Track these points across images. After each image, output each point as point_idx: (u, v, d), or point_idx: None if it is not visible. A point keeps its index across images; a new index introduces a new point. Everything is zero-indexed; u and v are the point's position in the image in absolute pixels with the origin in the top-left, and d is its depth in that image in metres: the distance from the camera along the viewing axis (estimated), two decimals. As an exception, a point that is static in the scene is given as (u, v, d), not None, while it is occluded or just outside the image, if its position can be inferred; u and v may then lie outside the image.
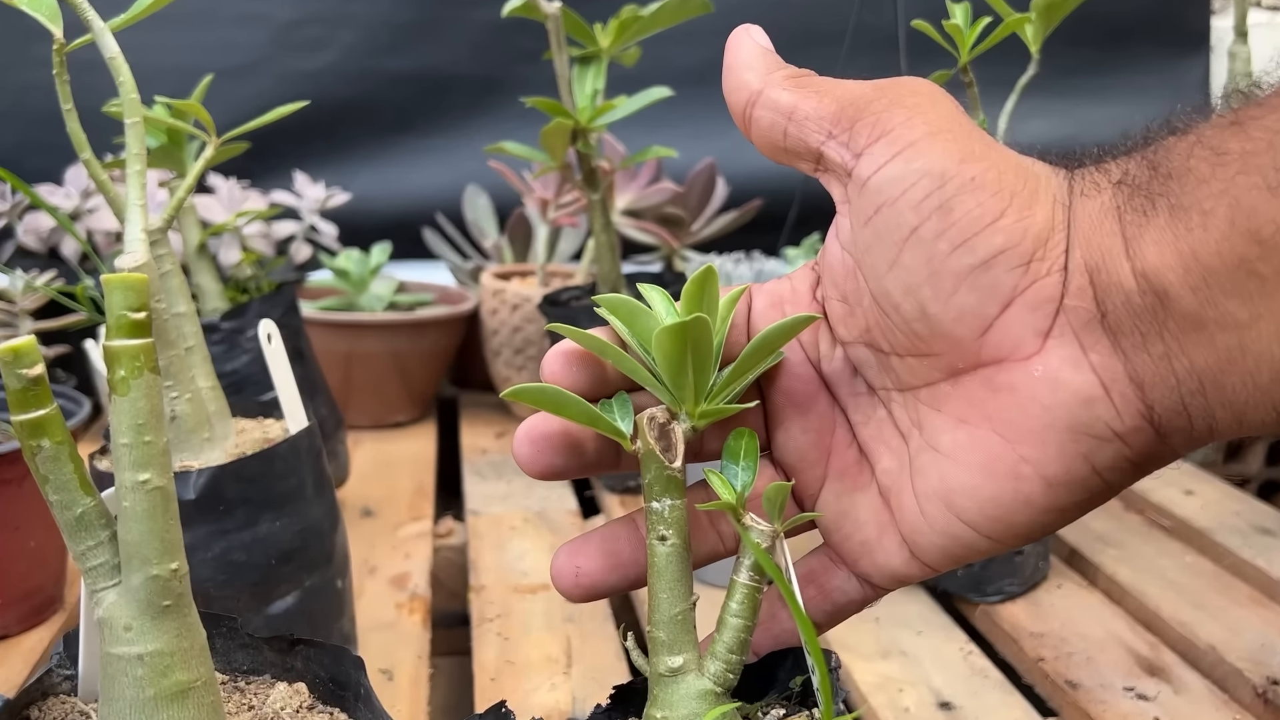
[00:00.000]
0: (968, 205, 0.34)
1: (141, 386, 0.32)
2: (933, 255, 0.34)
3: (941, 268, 0.34)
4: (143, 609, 0.33)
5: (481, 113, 1.51)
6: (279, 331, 0.63)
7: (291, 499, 0.59)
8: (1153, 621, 0.76)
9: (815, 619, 0.40)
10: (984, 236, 0.34)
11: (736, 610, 0.36)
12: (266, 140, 0.93)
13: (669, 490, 0.36)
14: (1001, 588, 0.78)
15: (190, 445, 0.57)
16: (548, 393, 0.36)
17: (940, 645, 0.73)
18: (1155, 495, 0.97)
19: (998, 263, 0.34)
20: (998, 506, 0.35)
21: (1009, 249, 0.34)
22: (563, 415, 0.37)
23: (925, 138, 0.35)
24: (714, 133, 1.40)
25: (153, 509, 0.32)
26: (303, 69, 1.45)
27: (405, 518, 0.93)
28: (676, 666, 0.36)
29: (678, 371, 0.35)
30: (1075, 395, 0.34)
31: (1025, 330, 0.34)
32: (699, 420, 0.36)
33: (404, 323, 1.14)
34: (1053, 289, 0.34)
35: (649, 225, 1.25)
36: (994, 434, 0.35)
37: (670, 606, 0.36)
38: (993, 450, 0.35)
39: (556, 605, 0.77)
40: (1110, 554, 0.86)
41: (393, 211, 1.45)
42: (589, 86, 0.89)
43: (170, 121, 0.64)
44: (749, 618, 0.36)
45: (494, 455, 1.09)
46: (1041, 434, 0.34)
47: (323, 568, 0.61)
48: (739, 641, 0.36)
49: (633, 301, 0.36)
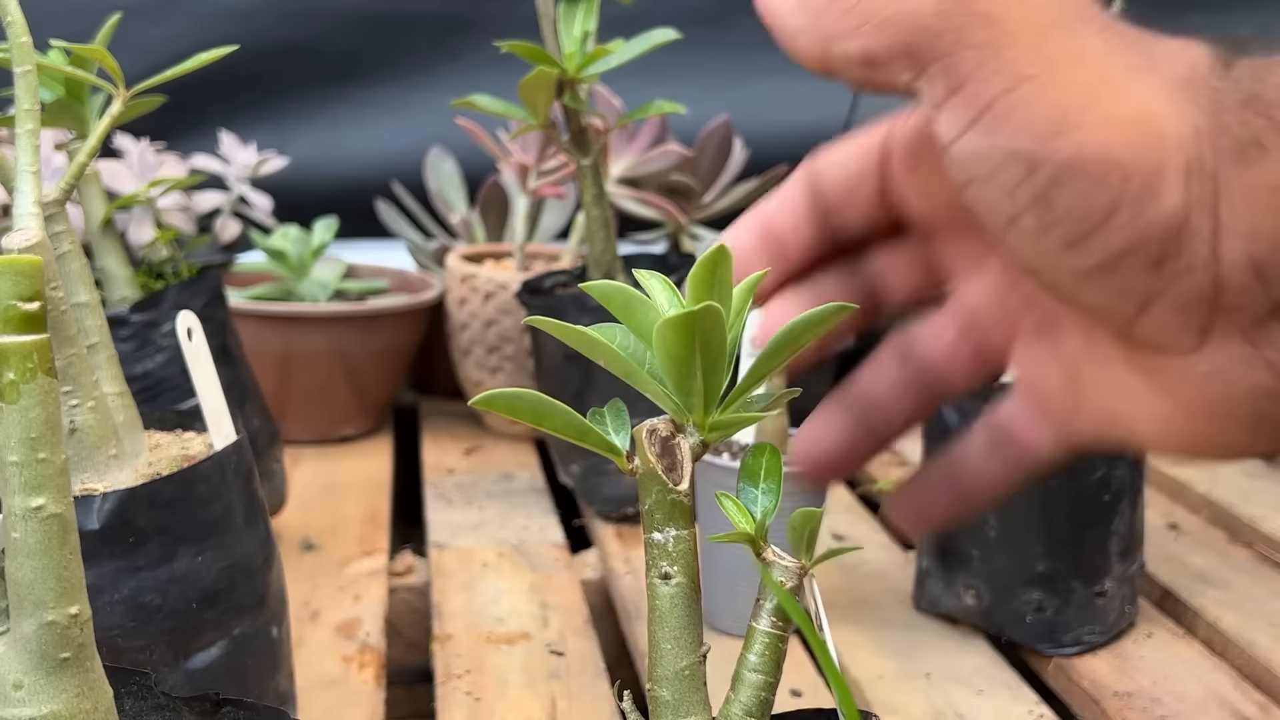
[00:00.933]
0: (1068, 200, 0.32)
1: (34, 393, 0.32)
2: (1043, 249, 0.34)
3: (1056, 263, 0.34)
4: (36, 662, 0.33)
5: (447, 59, 1.51)
6: (201, 325, 0.63)
7: (216, 529, 0.59)
8: (1263, 678, 0.76)
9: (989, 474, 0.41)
10: (1098, 239, 0.33)
11: (756, 664, 0.36)
12: (186, 93, 0.93)
13: (673, 518, 0.35)
14: (1079, 637, 0.78)
15: (94, 463, 0.57)
16: (526, 399, 0.36)
17: (1005, 708, 0.73)
18: (1267, 524, 0.97)
19: (1120, 266, 0.33)
20: (1179, 446, 0.37)
21: (1131, 251, 0.32)
22: (544, 426, 0.37)
23: (1003, 94, 0.33)
24: (729, 84, 1.40)
25: (48, 541, 0.33)
26: (230, 6, 1.45)
27: (355, 552, 0.93)
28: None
29: (683, 374, 0.35)
30: (1253, 390, 0.34)
31: (1174, 329, 0.34)
32: (709, 434, 0.36)
33: (353, 315, 1.14)
34: (1201, 288, 0.33)
35: (651, 196, 1.25)
36: (1169, 399, 0.36)
37: (676, 659, 0.36)
38: (1166, 410, 0.36)
39: (538, 659, 0.78)
40: (1212, 596, 0.86)
41: (339, 180, 1.45)
42: (578, 28, 0.89)
43: (69, 70, 0.64)
44: (771, 673, 0.36)
45: (462, 476, 1.09)
46: (1218, 418, 0.35)
47: (254, 612, 0.61)
48: (759, 701, 0.36)
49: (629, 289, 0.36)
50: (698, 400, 0.36)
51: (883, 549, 0.95)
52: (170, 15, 1.42)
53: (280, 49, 1.46)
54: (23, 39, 0.45)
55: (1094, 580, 0.78)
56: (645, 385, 0.36)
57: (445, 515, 1.00)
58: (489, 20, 1.44)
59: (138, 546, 0.56)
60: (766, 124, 1.35)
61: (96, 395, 0.57)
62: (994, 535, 0.78)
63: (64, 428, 0.56)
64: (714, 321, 0.33)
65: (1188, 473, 1.10)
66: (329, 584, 0.87)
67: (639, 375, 0.36)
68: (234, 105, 1.41)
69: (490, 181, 1.31)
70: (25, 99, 0.45)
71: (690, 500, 0.36)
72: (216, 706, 0.42)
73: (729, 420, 0.36)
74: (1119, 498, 0.77)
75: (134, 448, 0.60)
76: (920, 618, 0.84)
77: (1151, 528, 0.95)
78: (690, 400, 0.36)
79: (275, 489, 0.92)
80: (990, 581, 0.79)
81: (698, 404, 0.36)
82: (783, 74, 1.62)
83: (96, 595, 0.55)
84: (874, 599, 0.87)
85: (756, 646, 0.36)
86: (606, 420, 0.37)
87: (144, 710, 0.42)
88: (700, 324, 0.33)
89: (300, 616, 0.82)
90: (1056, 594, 0.77)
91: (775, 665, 0.36)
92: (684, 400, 0.36)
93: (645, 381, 0.36)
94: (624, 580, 0.89)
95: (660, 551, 0.36)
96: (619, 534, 0.97)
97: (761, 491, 0.37)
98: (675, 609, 0.36)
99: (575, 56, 0.88)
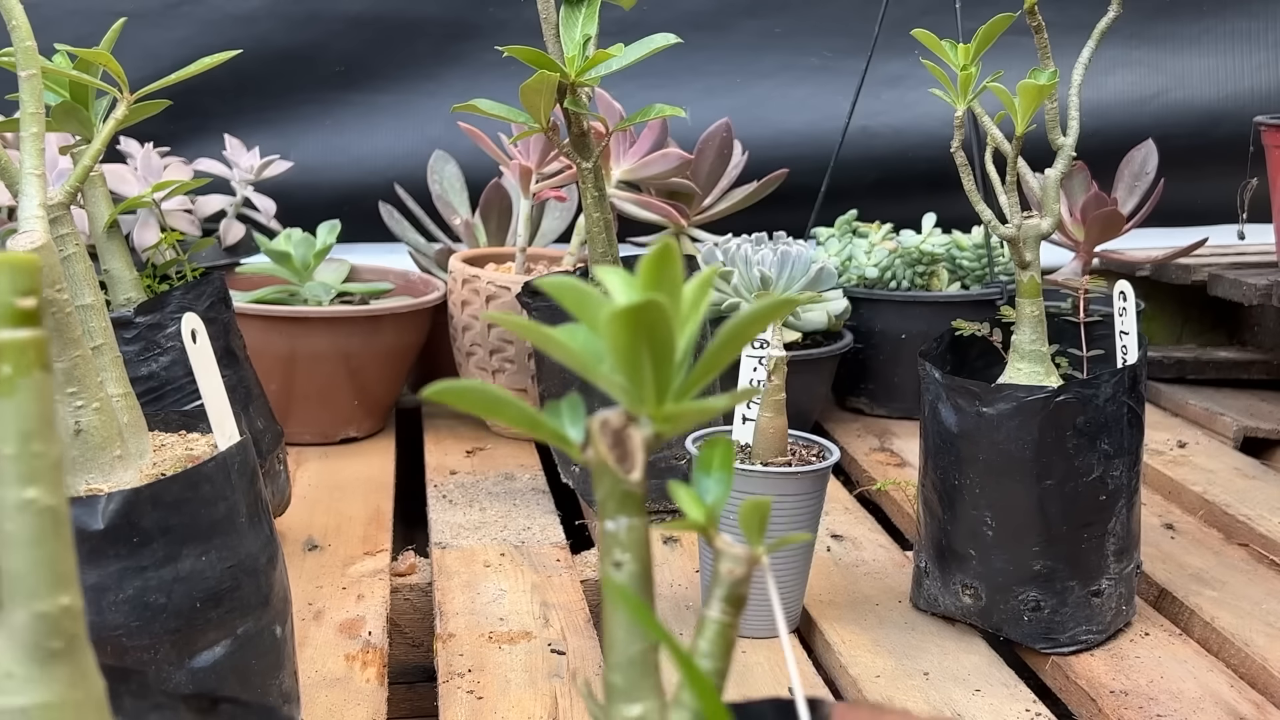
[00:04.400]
0: None
1: (30, 387, 0.32)
2: None
3: None
4: (28, 653, 0.33)
5: (450, 64, 1.52)
6: (205, 328, 0.63)
7: (220, 529, 0.59)
8: (1259, 677, 0.76)
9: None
10: None
11: (707, 650, 0.37)
12: (191, 97, 0.93)
13: (625, 508, 0.36)
14: (1076, 636, 0.78)
15: (99, 464, 0.58)
16: (476, 391, 0.37)
17: (1002, 706, 0.73)
18: (1262, 525, 0.97)
19: None
20: None
21: None
22: (495, 417, 0.38)
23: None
24: (729, 88, 1.40)
25: (41, 533, 0.33)
26: (234, 11, 1.45)
27: (357, 552, 0.93)
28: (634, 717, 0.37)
29: (633, 367, 0.36)
30: None
31: None
32: (663, 424, 0.37)
33: (356, 317, 1.14)
34: None
35: (651, 200, 1.25)
36: None
37: (628, 645, 0.37)
38: None
39: (540, 657, 0.78)
40: (1208, 595, 0.86)
41: (343, 183, 1.45)
42: (579, 32, 0.89)
43: (73, 74, 0.64)
44: (721, 659, 0.37)
45: (464, 477, 1.09)
46: None
47: (258, 612, 0.61)
48: None
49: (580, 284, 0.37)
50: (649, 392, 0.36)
51: (881, 549, 0.95)
52: (174, 20, 1.42)
53: (284, 54, 1.46)
54: (27, 43, 0.45)
55: (1091, 580, 0.78)
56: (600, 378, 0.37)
57: (447, 515, 1.01)
58: (491, 25, 1.44)
59: (142, 546, 0.56)
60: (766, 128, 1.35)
61: (101, 396, 0.57)
62: (991, 535, 0.78)
63: (69, 428, 0.56)
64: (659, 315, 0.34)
65: (1184, 473, 1.10)
66: (332, 584, 0.87)
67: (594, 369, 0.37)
68: (238, 109, 1.41)
69: (492, 185, 1.31)
70: (30, 103, 0.45)
71: (642, 490, 0.36)
72: (213, 704, 0.42)
73: (681, 411, 0.37)
74: (1115, 498, 0.77)
75: (139, 448, 0.60)
76: (918, 617, 0.84)
77: (1148, 528, 0.95)
78: (642, 392, 0.36)
79: (279, 489, 0.92)
80: (988, 581, 0.79)
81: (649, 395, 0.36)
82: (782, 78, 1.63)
83: (102, 595, 0.56)
84: (872, 598, 0.87)
85: (708, 634, 0.37)
86: (562, 412, 0.38)
87: (143, 709, 0.42)
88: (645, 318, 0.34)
89: (304, 616, 0.82)
90: (1053, 593, 0.77)
91: (725, 651, 0.36)
92: (636, 392, 0.36)
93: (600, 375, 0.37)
94: (625, 580, 0.89)
95: (613, 540, 0.36)
96: (620, 534, 0.96)
97: (714, 481, 0.37)
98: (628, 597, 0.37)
99: (576, 61, 0.88)
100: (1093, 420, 0.75)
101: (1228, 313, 1.42)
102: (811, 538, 0.81)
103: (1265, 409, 1.25)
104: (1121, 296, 0.84)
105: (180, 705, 0.42)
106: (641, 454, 0.36)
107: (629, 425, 0.36)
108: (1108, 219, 1.03)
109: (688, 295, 0.37)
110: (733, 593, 0.36)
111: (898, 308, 1.26)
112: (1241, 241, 1.35)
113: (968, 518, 0.78)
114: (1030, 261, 0.80)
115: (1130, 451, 0.78)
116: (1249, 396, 1.30)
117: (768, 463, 0.80)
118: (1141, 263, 1.33)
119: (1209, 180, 1.48)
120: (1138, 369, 0.79)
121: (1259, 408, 1.26)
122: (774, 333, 0.81)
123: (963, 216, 1.09)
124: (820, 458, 0.82)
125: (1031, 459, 0.76)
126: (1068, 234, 1.05)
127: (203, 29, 1.43)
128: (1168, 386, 1.34)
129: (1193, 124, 1.66)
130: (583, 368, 0.37)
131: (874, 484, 1.06)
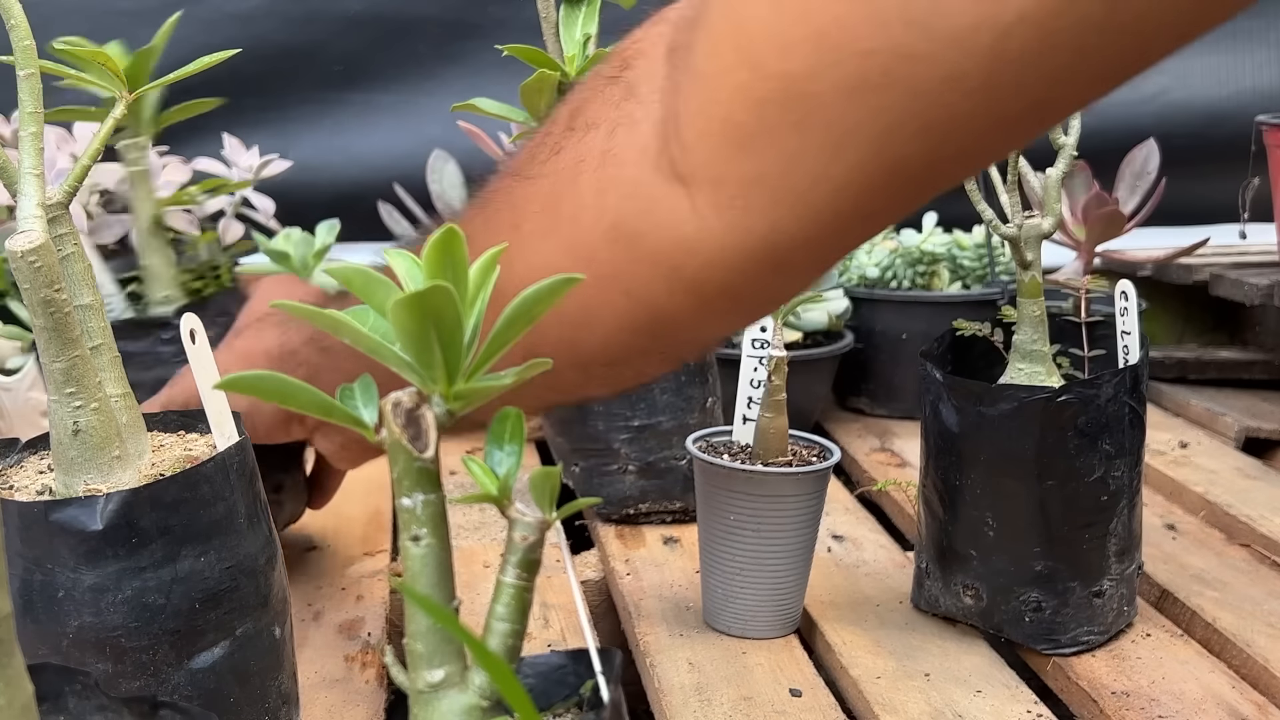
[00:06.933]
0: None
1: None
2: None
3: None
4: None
5: (449, 63, 1.51)
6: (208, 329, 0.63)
7: (219, 529, 0.59)
8: (1260, 678, 0.76)
9: None
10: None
11: (503, 614, 0.39)
12: (189, 96, 0.93)
13: (421, 484, 0.38)
14: (1078, 637, 0.78)
15: (97, 464, 0.57)
16: (269, 380, 0.38)
17: (1003, 707, 0.73)
18: (1264, 525, 0.97)
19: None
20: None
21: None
22: (289, 405, 0.39)
23: None
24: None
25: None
26: (233, 10, 1.45)
27: (357, 552, 0.93)
28: (437, 681, 0.38)
29: (423, 349, 0.37)
30: None
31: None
32: (454, 402, 0.38)
33: (355, 317, 1.14)
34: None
35: (651, 199, 1.24)
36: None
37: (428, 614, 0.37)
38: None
39: (540, 658, 0.77)
40: (1209, 596, 0.86)
41: (342, 183, 1.45)
42: (579, 31, 0.89)
43: (71, 73, 0.64)
44: (517, 620, 0.39)
45: (464, 476, 1.09)
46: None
47: (257, 612, 0.61)
48: (507, 648, 0.39)
49: (368, 271, 0.38)
50: (440, 373, 0.38)
51: (882, 549, 0.95)
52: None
53: (283, 52, 1.46)
54: (26, 42, 0.45)
55: (1092, 580, 0.78)
56: (391, 361, 0.38)
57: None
58: (491, 24, 1.44)
59: (141, 547, 0.56)
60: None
61: (100, 397, 0.57)
62: (992, 535, 0.78)
63: (67, 428, 0.56)
64: (444, 300, 0.35)
65: (1185, 473, 1.09)
66: (331, 584, 0.87)
67: (385, 352, 0.38)
68: (237, 108, 1.41)
69: (492, 184, 1.31)
70: (28, 102, 0.45)
71: (436, 466, 0.38)
72: (154, 708, 0.43)
73: (472, 390, 0.38)
74: (1116, 498, 0.77)
75: (137, 449, 0.60)
76: (919, 617, 0.84)
77: (1149, 528, 0.95)
78: (433, 373, 0.38)
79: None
80: (989, 581, 0.79)
81: (440, 376, 0.38)
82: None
83: (100, 595, 0.56)
84: (873, 599, 0.86)
85: (504, 598, 0.39)
86: (356, 396, 0.39)
87: (87, 710, 0.43)
88: (431, 303, 0.35)
89: (303, 616, 0.82)
90: (1055, 594, 0.77)
91: (521, 614, 0.39)
92: (427, 373, 0.38)
93: (391, 357, 0.38)
94: (624, 580, 0.89)
95: (410, 516, 0.38)
96: (620, 534, 0.96)
97: (505, 454, 0.40)
98: (427, 568, 0.38)
99: (576, 59, 0.88)
100: (1094, 420, 0.75)
101: (1229, 313, 1.42)
102: (812, 538, 0.81)
103: (1267, 409, 1.25)
104: (1123, 296, 0.84)
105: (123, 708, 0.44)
106: (434, 432, 0.38)
107: (421, 405, 0.38)
108: (1109, 219, 1.02)
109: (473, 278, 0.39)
110: (526, 558, 0.39)
111: (898, 307, 1.26)
112: (1243, 241, 1.35)
113: (969, 518, 0.78)
114: (1031, 261, 0.80)
115: (1132, 452, 0.78)
116: (1250, 397, 1.30)
117: (768, 463, 0.80)
118: (1143, 262, 1.33)
119: (1211, 180, 1.48)
120: (1139, 369, 0.79)
121: (1260, 408, 1.26)
122: (774, 333, 0.81)
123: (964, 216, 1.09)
124: (821, 458, 0.82)
125: (1033, 459, 0.76)
126: (1069, 233, 1.05)
127: (202, 28, 1.43)
128: (1169, 386, 1.34)
129: (1194, 123, 1.66)
130: (373, 350, 0.38)
131: (875, 484, 1.06)
